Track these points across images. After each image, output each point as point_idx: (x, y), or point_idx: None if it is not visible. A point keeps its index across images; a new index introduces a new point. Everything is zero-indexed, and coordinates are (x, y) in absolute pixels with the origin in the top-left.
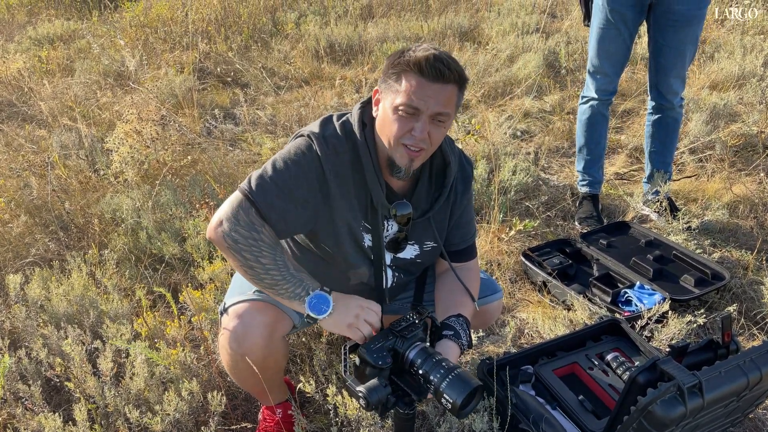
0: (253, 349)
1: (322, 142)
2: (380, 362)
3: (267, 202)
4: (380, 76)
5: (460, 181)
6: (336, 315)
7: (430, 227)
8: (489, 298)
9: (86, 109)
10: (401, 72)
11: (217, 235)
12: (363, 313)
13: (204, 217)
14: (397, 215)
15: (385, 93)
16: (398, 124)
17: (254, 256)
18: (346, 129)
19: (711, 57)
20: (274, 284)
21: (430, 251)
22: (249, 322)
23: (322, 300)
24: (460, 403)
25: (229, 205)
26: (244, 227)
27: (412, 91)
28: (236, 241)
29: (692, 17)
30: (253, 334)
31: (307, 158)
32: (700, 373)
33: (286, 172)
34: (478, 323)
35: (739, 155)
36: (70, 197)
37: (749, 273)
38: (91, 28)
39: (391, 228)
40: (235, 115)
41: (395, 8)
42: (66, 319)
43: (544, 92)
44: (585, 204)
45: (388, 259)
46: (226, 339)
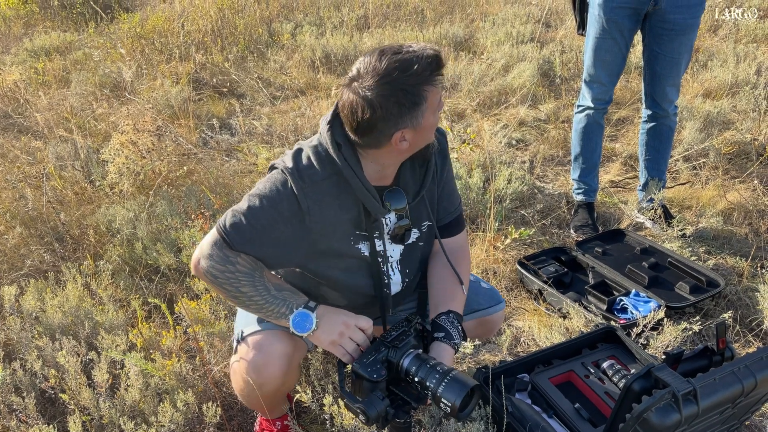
0: (271, 379)
1: (297, 177)
2: (375, 375)
3: (240, 241)
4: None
5: (438, 153)
6: (319, 332)
7: (424, 206)
8: (491, 309)
9: (82, 120)
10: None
11: (198, 272)
12: (348, 330)
13: (200, 227)
14: (393, 208)
15: (413, 121)
16: (436, 120)
17: (234, 287)
18: (320, 155)
19: (704, 65)
20: (259, 308)
21: (428, 230)
22: (269, 353)
23: (304, 317)
24: (459, 404)
25: (207, 242)
26: (218, 262)
27: (436, 89)
28: (215, 276)
29: (687, 26)
30: (273, 365)
31: (281, 194)
32: (695, 381)
33: (260, 210)
34: (480, 333)
35: (733, 163)
36: (65, 208)
37: (744, 280)
38: (88, 40)
39: (390, 221)
40: (231, 126)
41: (391, 18)
42: (61, 331)
43: (539, 101)
44: (580, 212)
45: (398, 253)
46: (244, 369)
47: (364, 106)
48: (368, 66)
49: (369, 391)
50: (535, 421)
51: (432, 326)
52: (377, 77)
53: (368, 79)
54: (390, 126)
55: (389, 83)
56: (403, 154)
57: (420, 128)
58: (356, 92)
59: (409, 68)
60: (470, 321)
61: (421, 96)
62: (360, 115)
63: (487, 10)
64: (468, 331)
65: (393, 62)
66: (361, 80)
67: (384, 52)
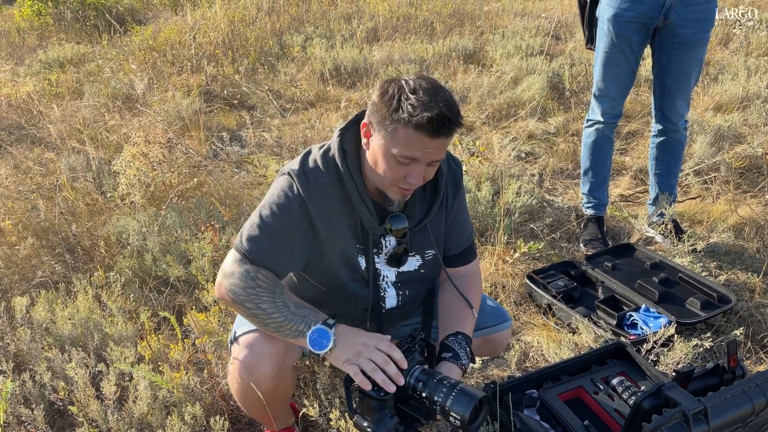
0: (264, 379)
1: (303, 179)
2: (382, 393)
3: (259, 252)
4: (371, 107)
5: (450, 185)
6: (337, 350)
7: (429, 235)
8: (498, 327)
9: (94, 131)
10: (400, 124)
11: (220, 294)
12: (366, 351)
13: (209, 239)
14: (392, 229)
15: (378, 132)
16: (394, 170)
17: (255, 304)
18: (327, 159)
19: (715, 79)
20: (278, 327)
21: (433, 259)
22: (260, 352)
23: (323, 334)
24: (468, 416)
25: (227, 262)
26: (240, 279)
27: (411, 144)
28: (237, 294)
29: (697, 40)
30: (264, 364)
31: (290, 199)
32: (705, 400)
33: (272, 218)
34: (486, 351)
35: (744, 177)
36: (77, 219)
37: (756, 296)
38: (101, 52)
39: (389, 244)
40: (241, 138)
41: (400, 31)
42: (71, 342)
43: (548, 114)
44: (590, 226)
45: (393, 275)
46: (237, 369)
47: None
48: (418, 75)
49: (377, 409)
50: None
51: (440, 347)
52: (405, 80)
53: (407, 76)
54: (370, 108)
55: (397, 86)
56: (369, 169)
57: (380, 148)
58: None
59: (414, 93)
60: (475, 339)
61: (395, 122)
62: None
63: (496, 22)
64: (473, 349)
65: (419, 83)
66: (405, 76)
67: (431, 80)
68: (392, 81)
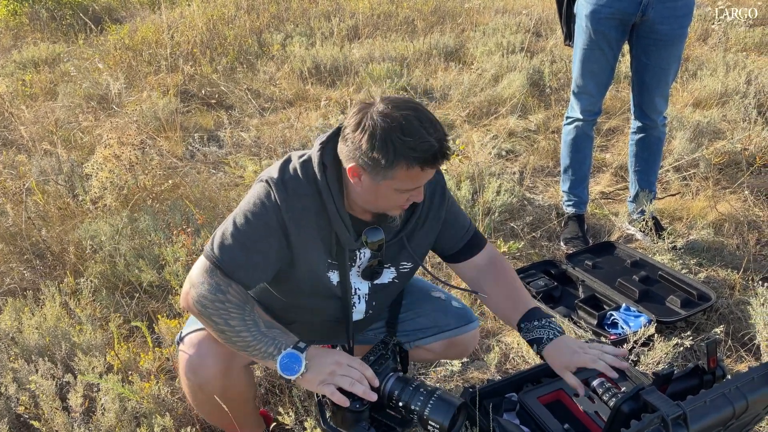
0: (210, 380)
1: (281, 189)
2: (357, 405)
3: (231, 262)
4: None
5: (437, 194)
6: (309, 374)
7: (405, 248)
8: (461, 329)
9: (68, 133)
10: (400, 167)
11: (187, 304)
12: (340, 369)
13: (181, 243)
14: (368, 242)
15: (372, 176)
16: (396, 200)
17: (223, 320)
18: (307, 170)
19: (694, 75)
20: (246, 346)
21: (408, 272)
22: (204, 352)
23: (294, 359)
24: (447, 424)
25: (196, 270)
26: (209, 291)
27: (413, 178)
28: (205, 306)
29: (675, 36)
30: (209, 364)
31: (266, 207)
32: (685, 404)
33: (247, 227)
34: (453, 354)
35: (724, 173)
36: (47, 224)
37: (736, 293)
38: (77, 52)
39: (363, 256)
40: (218, 138)
41: (381, 29)
42: (37, 352)
43: (529, 111)
44: (570, 224)
45: (366, 288)
46: (182, 370)
47: (358, 120)
48: (395, 101)
49: (353, 421)
50: None
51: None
52: (385, 113)
53: (383, 106)
54: (355, 152)
55: (384, 126)
56: (359, 196)
57: (375, 186)
58: (369, 106)
59: (407, 135)
60: (440, 342)
61: (392, 164)
62: (351, 121)
63: (477, 20)
64: (438, 352)
65: (405, 118)
66: (381, 104)
67: (416, 108)
68: (371, 117)
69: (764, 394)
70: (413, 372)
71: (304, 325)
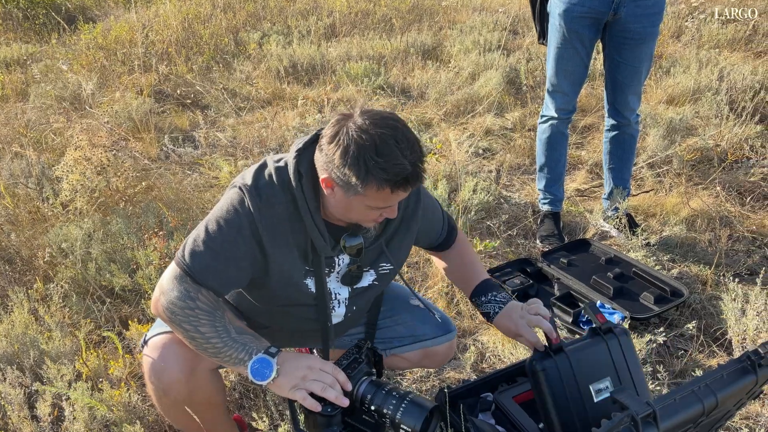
0: (174, 385)
1: (255, 196)
2: (329, 409)
3: (201, 269)
4: (328, 164)
5: (412, 198)
6: (280, 378)
7: (384, 252)
8: (439, 339)
9: (39, 134)
10: (371, 188)
11: (157, 311)
12: (312, 373)
13: (154, 247)
14: (346, 247)
15: (345, 191)
16: (368, 215)
17: (193, 326)
18: (282, 177)
19: (667, 72)
20: (217, 352)
21: (388, 273)
22: (167, 356)
23: (265, 364)
24: (419, 429)
25: (166, 277)
26: (179, 298)
27: (386, 199)
28: (174, 313)
29: (647, 34)
30: (173, 368)
31: (240, 215)
32: (655, 402)
33: (219, 233)
34: (428, 364)
35: (696, 169)
36: (16, 228)
37: (708, 288)
38: (49, 52)
39: (342, 262)
40: (194, 138)
41: (359, 27)
42: (5, 360)
43: (506, 109)
44: (546, 222)
45: (346, 292)
46: (147, 374)
47: (335, 131)
48: (375, 116)
49: (324, 426)
50: None
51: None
52: (362, 129)
53: (361, 121)
54: (329, 164)
55: (359, 143)
56: (332, 207)
57: (347, 200)
58: (347, 118)
59: (380, 155)
60: (415, 351)
61: (363, 182)
62: (329, 132)
63: (455, 18)
64: (414, 361)
65: (381, 137)
66: (360, 117)
67: (395, 127)
68: (347, 132)
69: (734, 391)
70: (389, 374)
71: (280, 330)
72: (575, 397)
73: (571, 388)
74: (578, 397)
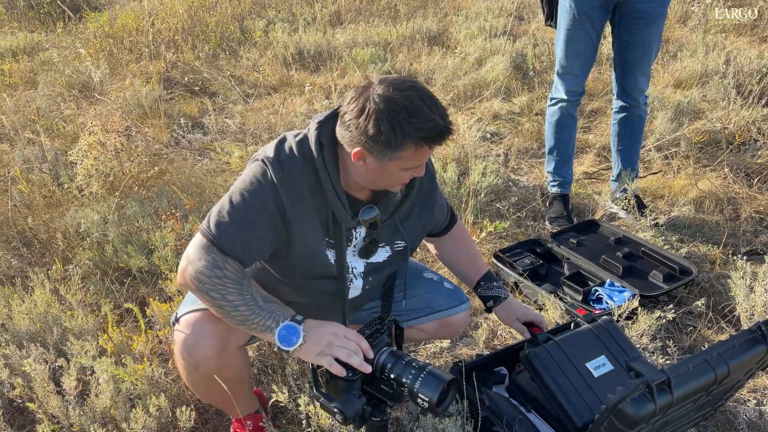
0: (206, 360)
1: (277, 167)
2: (350, 374)
3: (228, 239)
4: (361, 136)
5: (427, 182)
6: (306, 345)
7: (399, 230)
8: (454, 309)
9: (50, 122)
10: (408, 147)
11: (184, 279)
12: (337, 340)
13: (170, 228)
14: (362, 219)
15: (379, 158)
16: (401, 178)
17: (221, 295)
18: (303, 149)
19: (674, 56)
20: (244, 320)
21: (402, 251)
22: (200, 332)
23: (292, 331)
24: (436, 399)
25: (192, 247)
26: (207, 267)
27: (419, 156)
28: (202, 282)
29: (656, 15)
30: (205, 345)
31: (263, 186)
32: (668, 370)
33: (243, 205)
34: (444, 334)
35: (704, 151)
36: (32, 212)
37: (716, 267)
38: (56, 40)
39: (359, 235)
40: (203, 125)
41: (364, 14)
42: (29, 338)
43: (513, 94)
44: (555, 204)
45: (361, 266)
46: (178, 350)
47: (360, 105)
48: (394, 82)
49: (345, 390)
50: (512, 414)
51: (481, 299)
52: (387, 96)
53: (382, 89)
54: (360, 137)
55: (389, 110)
56: (362, 177)
57: (381, 167)
58: (367, 89)
59: (413, 116)
60: (432, 322)
61: (401, 145)
62: (352, 107)
63: (460, 4)
64: (430, 332)
65: (408, 99)
66: (380, 86)
67: (415, 87)
68: (374, 101)
69: (745, 360)
70: (405, 349)
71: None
72: (575, 376)
73: (569, 369)
74: (578, 375)
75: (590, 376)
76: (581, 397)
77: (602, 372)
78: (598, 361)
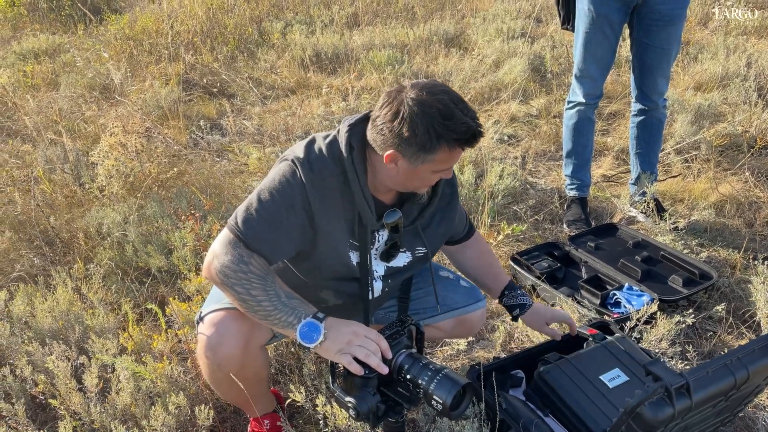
0: (229, 359)
1: (307, 168)
2: (367, 371)
3: (255, 236)
4: (396, 140)
5: (448, 190)
6: (327, 342)
7: (419, 236)
8: (471, 307)
9: (71, 123)
10: (442, 149)
11: (210, 273)
12: (357, 339)
13: (190, 228)
14: (385, 222)
15: (412, 161)
16: (431, 180)
17: (245, 289)
18: (333, 151)
19: (695, 58)
20: (267, 315)
21: (423, 257)
22: (224, 332)
23: (313, 328)
24: (450, 402)
25: (219, 242)
26: (232, 262)
27: (452, 158)
28: (227, 276)
29: (675, 16)
30: (228, 344)
31: (292, 185)
32: (688, 374)
33: (271, 203)
34: (461, 332)
35: (725, 155)
36: (55, 212)
37: (737, 272)
38: (77, 42)
39: (381, 238)
40: (221, 126)
41: (381, 16)
42: (51, 335)
43: (530, 96)
44: (573, 207)
45: (382, 269)
46: (202, 348)
47: (394, 109)
48: (427, 86)
49: (360, 387)
50: (529, 417)
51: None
52: (421, 100)
53: (416, 93)
54: (394, 140)
55: (423, 113)
56: (392, 179)
57: (413, 169)
58: (400, 93)
59: (446, 119)
60: (449, 320)
61: (435, 147)
62: (385, 111)
63: (477, 6)
64: (447, 330)
65: (441, 102)
66: (413, 90)
67: (447, 91)
68: (407, 105)
69: (765, 365)
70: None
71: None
72: (589, 388)
73: (583, 383)
74: (592, 387)
75: (605, 387)
76: (597, 407)
77: (617, 383)
78: (612, 373)
